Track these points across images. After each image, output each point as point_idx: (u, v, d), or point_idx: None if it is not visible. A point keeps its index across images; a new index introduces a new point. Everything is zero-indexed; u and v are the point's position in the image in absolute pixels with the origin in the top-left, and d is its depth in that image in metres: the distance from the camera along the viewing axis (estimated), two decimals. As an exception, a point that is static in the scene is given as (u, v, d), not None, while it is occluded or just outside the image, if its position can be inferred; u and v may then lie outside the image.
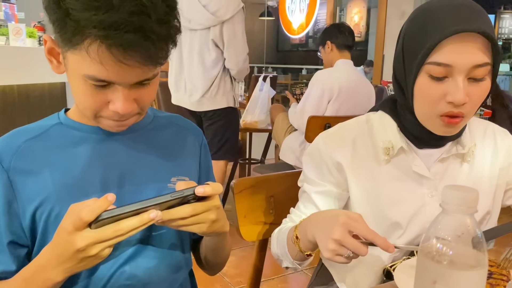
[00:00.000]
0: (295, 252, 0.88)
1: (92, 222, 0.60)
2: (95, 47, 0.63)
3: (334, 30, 2.53)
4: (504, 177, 0.96)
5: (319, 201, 0.95)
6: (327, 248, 0.72)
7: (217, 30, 2.34)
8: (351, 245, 0.69)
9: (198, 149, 0.91)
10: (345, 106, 2.41)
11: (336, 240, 0.70)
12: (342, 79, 2.41)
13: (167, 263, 0.81)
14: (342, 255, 0.70)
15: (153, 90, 0.74)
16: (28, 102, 4.32)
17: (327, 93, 2.40)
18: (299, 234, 0.84)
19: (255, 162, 3.45)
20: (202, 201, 0.68)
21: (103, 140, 0.79)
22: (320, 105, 2.41)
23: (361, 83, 2.52)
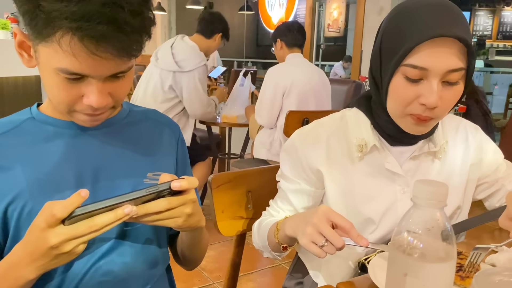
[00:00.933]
0: (273, 244, 0.91)
1: (65, 219, 0.60)
2: (67, 39, 0.62)
3: (284, 29, 2.66)
4: (476, 172, 0.98)
5: (293, 198, 0.97)
6: (304, 232, 0.73)
7: (177, 77, 2.52)
8: (328, 231, 0.71)
9: (174, 144, 0.91)
10: (301, 98, 2.51)
11: (314, 224, 0.72)
12: (294, 72, 2.52)
13: (143, 258, 0.81)
14: (317, 244, 0.71)
15: (128, 83, 0.73)
16: (1, 96, 4.21)
17: (280, 88, 2.50)
18: (280, 227, 0.88)
19: (235, 157, 3.45)
20: (178, 195, 0.68)
21: (77, 135, 0.78)
22: (274, 100, 2.51)
23: (314, 74, 2.62)
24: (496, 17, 10.65)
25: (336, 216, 0.73)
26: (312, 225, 0.72)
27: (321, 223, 0.72)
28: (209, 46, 2.71)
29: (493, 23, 10.65)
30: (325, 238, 0.71)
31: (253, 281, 2.20)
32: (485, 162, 0.99)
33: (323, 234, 0.71)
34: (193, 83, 2.53)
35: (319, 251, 0.71)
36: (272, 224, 0.94)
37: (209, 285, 2.13)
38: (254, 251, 1.04)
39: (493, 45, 9.77)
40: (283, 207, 0.99)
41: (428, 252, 0.52)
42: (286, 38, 2.63)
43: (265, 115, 2.55)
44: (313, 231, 0.72)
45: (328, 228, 0.71)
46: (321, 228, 0.71)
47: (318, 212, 0.74)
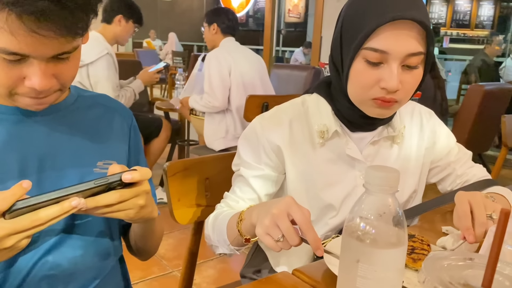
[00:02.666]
0: (233, 236, 0.84)
1: (6, 212, 0.56)
2: (4, 16, 0.57)
3: (223, 15, 2.69)
4: (429, 156, 1.01)
5: (256, 184, 0.94)
6: (262, 222, 0.68)
7: (83, 72, 2.38)
8: (285, 226, 0.66)
9: (127, 131, 0.87)
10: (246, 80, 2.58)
11: (273, 215, 0.67)
12: (234, 55, 2.59)
13: (94, 251, 0.78)
14: (272, 237, 0.67)
15: (74, 64, 0.69)
16: None
17: (224, 67, 2.54)
18: (244, 216, 0.80)
19: (194, 144, 3.41)
20: (130, 186, 0.65)
21: (21, 121, 0.73)
22: (223, 79, 2.54)
23: (252, 57, 2.72)
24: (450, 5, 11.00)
25: (297, 212, 0.67)
26: (271, 216, 0.67)
27: (280, 216, 0.67)
28: (114, 32, 2.52)
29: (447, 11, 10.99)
30: (281, 233, 0.66)
31: (213, 268, 2.20)
32: (438, 146, 1.02)
33: (280, 227, 0.66)
34: (95, 76, 2.40)
35: (273, 245, 0.67)
36: (232, 215, 0.87)
37: (168, 273, 2.10)
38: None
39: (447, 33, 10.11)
40: (244, 196, 0.95)
41: (380, 238, 0.52)
42: (223, 24, 2.66)
43: (219, 95, 2.54)
44: (271, 223, 0.67)
45: (286, 223, 0.66)
46: (279, 221, 0.66)
47: (280, 203, 0.69)
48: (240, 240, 0.81)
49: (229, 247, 0.86)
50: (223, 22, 2.65)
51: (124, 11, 2.48)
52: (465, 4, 11.02)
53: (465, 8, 11.03)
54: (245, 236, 0.78)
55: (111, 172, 0.64)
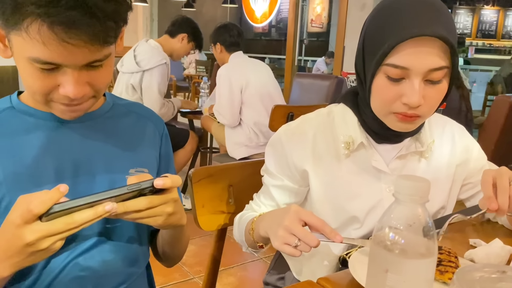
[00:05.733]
0: (250, 241, 0.90)
1: (43, 215, 0.57)
2: (36, 27, 0.59)
3: (225, 33, 2.71)
4: (461, 173, 0.98)
5: (275, 193, 0.96)
6: (276, 235, 0.72)
7: (137, 77, 2.54)
8: (300, 232, 0.69)
9: (158, 139, 0.89)
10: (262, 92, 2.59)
11: (286, 227, 0.71)
12: (245, 69, 2.61)
13: (123, 256, 0.79)
14: (290, 245, 0.70)
15: (107, 72, 0.71)
16: (-25, 86, 4.08)
17: (235, 85, 2.56)
18: (255, 227, 0.86)
19: (216, 151, 3.43)
20: (160, 193, 0.66)
21: (58, 127, 0.75)
22: (232, 98, 2.56)
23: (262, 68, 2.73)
24: (476, 15, 10.84)
25: (307, 215, 0.71)
26: (284, 227, 0.71)
27: (292, 224, 0.70)
28: (173, 46, 2.71)
29: (473, 21, 10.83)
30: (297, 238, 0.69)
31: (234, 276, 2.20)
32: (471, 163, 0.99)
33: (295, 235, 0.70)
34: (149, 82, 2.53)
35: (293, 251, 0.70)
36: (249, 220, 0.92)
37: (189, 280, 2.11)
38: (235, 246, 1.03)
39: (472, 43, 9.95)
40: (265, 202, 0.98)
41: (409, 248, 0.51)
42: (225, 42, 2.69)
43: (227, 114, 2.59)
44: (285, 233, 0.70)
45: (300, 228, 0.70)
46: (293, 229, 0.70)
47: (289, 213, 0.72)
48: (255, 245, 0.88)
49: (249, 249, 0.94)
50: (226, 40, 2.67)
51: (190, 33, 2.69)
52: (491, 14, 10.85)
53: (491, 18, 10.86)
54: (258, 243, 0.86)
55: (129, 182, 0.65)
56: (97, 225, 0.72)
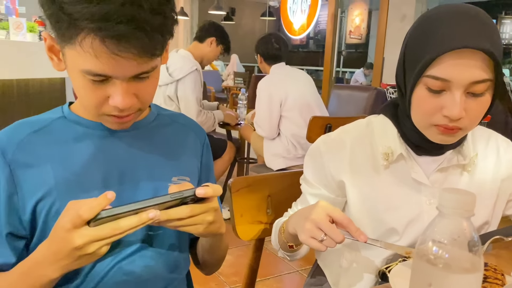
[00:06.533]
0: (281, 242, 0.92)
1: (90, 220, 0.60)
2: (89, 41, 0.62)
3: (267, 44, 2.71)
4: (507, 188, 0.94)
5: (312, 202, 0.96)
6: (303, 228, 0.75)
7: (172, 87, 2.60)
8: (326, 226, 0.72)
9: (200, 149, 0.91)
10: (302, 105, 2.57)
11: (313, 220, 0.74)
12: (284, 80, 2.59)
13: (164, 262, 0.81)
14: (316, 239, 0.73)
15: (153, 84, 0.73)
16: (27, 97, 4.30)
17: (274, 98, 2.55)
18: (285, 226, 0.89)
19: (253, 162, 3.45)
20: (201, 202, 0.68)
21: (106, 136, 0.79)
22: (271, 111, 2.57)
23: (299, 75, 2.71)
24: (523, 25, 10.42)
25: (334, 211, 0.74)
26: (311, 220, 0.74)
27: (319, 218, 0.73)
28: (202, 51, 2.75)
29: (520, 31, 10.42)
30: (324, 233, 0.72)
31: (269, 287, 2.19)
32: None
33: (322, 229, 0.73)
34: (183, 91, 2.58)
35: (319, 245, 0.73)
36: (282, 222, 0.95)
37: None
38: (272, 257, 1.04)
39: (519, 54, 9.56)
40: None
41: (454, 263, 0.50)
42: (268, 54, 2.69)
43: (265, 126, 2.60)
44: (312, 226, 0.74)
45: (327, 223, 0.73)
46: (320, 223, 0.73)
47: (316, 207, 0.76)
48: (286, 246, 0.90)
49: (282, 252, 0.96)
50: (268, 52, 2.68)
51: (218, 36, 2.73)
52: (540, 23, 10.40)
53: (541, 27, 10.41)
54: (288, 243, 0.89)
55: (171, 190, 0.67)
56: (140, 232, 0.75)
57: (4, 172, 0.72)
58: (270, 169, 2.66)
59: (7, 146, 0.73)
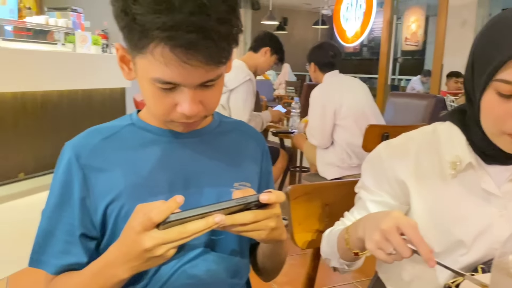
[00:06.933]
0: (343, 251, 0.88)
1: (160, 223, 0.61)
2: (160, 49, 0.64)
3: (321, 52, 2.68)
4: None
5: (373, 209, 0.94)
6: (371, 238, 0.72)
7: (225, 96, 2.62)
8: (396, 241, 0.69)
9: (259, 155, 0.92)
10: (357, 114, 2.52)
11: (383, 231, 0.70)
12: (338, 89, 2.55)
13: (226, 267, 0.82)
14: (383, 250, 0.70)
15: (218, 91, 0.75)
16: (90, 106, 4.54)
17: (328, 108, 2.51)
18: (350, 231, 0.85)
19: (306, 170, 3.43)
20: (263, 208, 0.68)
21: (171, 142, 0.81)
22: (324, 121, 2.53)
23: (354, 83, 2.65)
24: None
25: (405, 225, 0.69)
26: (380, 231, 0.71)
27: (390, 231, 0.70)
28: (257, 61, 2.76)
29: None
30: (392, 246, 0.69)
31: (324, 298, 2.15)
32: None
33: (390, 242, 0.70)
34: (235, 100, 2.59)
35: (386, 257, 0.70)
36: (342, 229, 0.91)
37: (279, 298, 2.11)
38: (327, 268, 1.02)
39: None
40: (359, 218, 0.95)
41: (537, 278, 0.47)
42: (321, 62, 2.66)
43: (318, 136, 2.58)
44: (381, 238, 0.71)
45: (396, 237, 0.69)
46: (390, 236, 0.70)
47: (388, 218, 0.71)
48: (349, 254, 0.85)
49: (339, 261, 0.91)
50: (321, 60, 2.65)
51: (273, 45, 2.75)
52: None
53: None
54: (353, 250, 0.83)
55: (235, 196, 0.68)
56: (203, 236, 0.76)
57: (78, 176, 0.76)
58: (323, 178, 2.63)
59: (81, 152, 0.77)
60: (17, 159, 3.83)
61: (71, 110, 4.29)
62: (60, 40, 4.26)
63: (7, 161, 3.73)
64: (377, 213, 0.81)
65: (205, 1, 0.63)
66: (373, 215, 0.81)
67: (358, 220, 0.85)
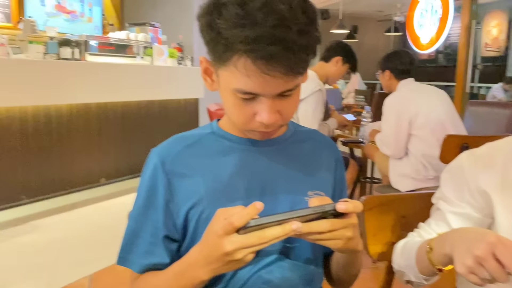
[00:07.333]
0: (423, 265, 0.84)
1: (240, 228, 0.63)
2: (242, 61, 0.67)
3: (396, 60, 2.58)
4: None
5: (453, 221, 0.90)
6: (463, 262, 0.67)
7: None
8: (492, 267, 0.64)
9: (333, 164, 0.92)
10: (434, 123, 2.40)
11: (477, 257, 0.66)
12: (413, 97, 2.45)
13: (300, 274, 0.83)
14: (477, 275, 0.66)
15: (295, 101, 0.76)
16: (166, 115, 4.77)
17: (403, 117, 2.42)
18: (434, 245, 0.80)
19: (378, 182, 3.34)
20: (340, 217, 0.68)
21: (249, 150, 0.84)
22: (399, 130, 2.44)
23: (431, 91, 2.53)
24: None
25: (504, 253, 0.64)
26: (474, 257, 0.66)
27: (485, 258, 0.65)
28: (328, 71, 2.71)
29: None
30: (487, 272, 0.65)
31: (396, 315, 2.07)
32: None
33: (486, 269, 0.65)
34: (304, 110, 2.56)
35: (479, 281, 0.66)
36: (421, 243, 0.87)
37: (349, 312, 2.06)
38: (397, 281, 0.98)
39: None
40: (438, 230, 0.90)
41: None
42: (397, 70, 2.57)
43: (391, 145, 2.49)
44: (475, 264, 0.66)
45: (493, 264, 0.64)
46: (485, 263, 0.65)
47: (483, 243, 0.66)
48: (430, 269, 0.81)
49: (417, 275, 0.87)
50: (396, 68, 2.57)
51: (345, 55, 2.71)
52: None
53: None
54: (436, 265, 0.79)
55: (311, 203, 0.68)
56: (278, 243, 0.77)
57: (163, 181, 0.81)
58: (396, 190, 2.53)
59: (166, 158, 0.82)
60: (99, 165, 4.11)
61: (148, 119, 4.54)
62: (139, 54, 4.52)
63: (90, 167, 4.03)
64: (467, 232, 0.76)
65: (286, 14, 0.65)
66: (462, 233, 0.76)
67: (444, 235, 0.80)
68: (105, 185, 4.14)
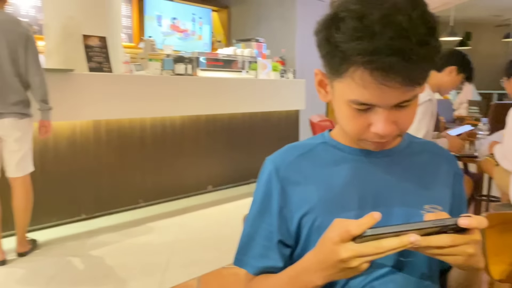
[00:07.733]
0: None
1: (356, 237, 0.64)
2: (359, 73, 0.68)
3: None
4: None
5: None
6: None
7: None
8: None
9: (451, 178, 0.88)
10: None
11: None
12: None
13: None
14: None
15: (412, 112, 0.75)
16: (267, 126, 4.91)
17: None
18: None
19: (495, 200, 3.06)
20: (461, 232, 0.65)
21: (361, 161, 0.84)
22: None
23: None
24: None
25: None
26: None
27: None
28: (440, 80, 2.54)
29: None
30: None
31: None
32: None
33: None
34: None
35: None
36: None
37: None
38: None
39: None
40: None
41: None
42: None
43: None
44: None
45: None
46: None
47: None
48: None
49: None
50: None
51: (460, 64, 2.56)
52: None
53: None
54: None
55: (427, 218, 0.66)
56: (391, 256, 0.76)
57: (277, 187, 0.84)
58: (517, 210, 2.31)
59: (280, 166, 0.86)
60: (207, 173, 4.36)
61: (251, 130, 4.70)
62: (245, 68, 4.73)
63: (199, 174, 4.29)
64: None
65: (405, 25, 0.65)
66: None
67: None
68: (212, 192, 4.37)
